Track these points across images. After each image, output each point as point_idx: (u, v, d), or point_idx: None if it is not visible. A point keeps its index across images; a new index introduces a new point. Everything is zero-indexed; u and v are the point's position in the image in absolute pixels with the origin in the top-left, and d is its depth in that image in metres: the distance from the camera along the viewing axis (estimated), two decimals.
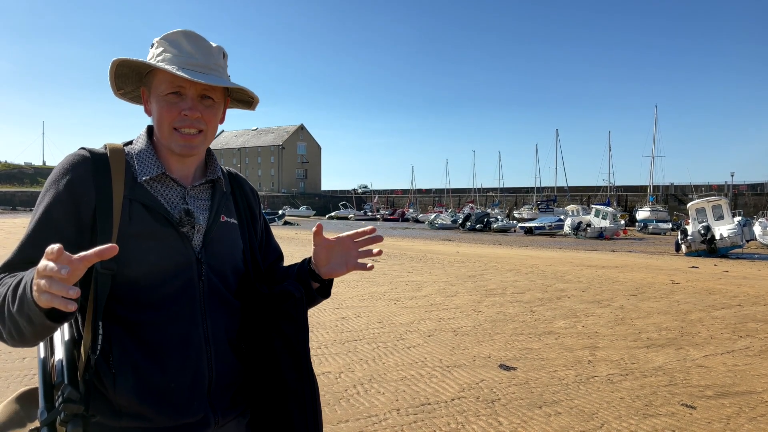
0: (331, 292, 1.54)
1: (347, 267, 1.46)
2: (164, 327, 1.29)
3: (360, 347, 6.27)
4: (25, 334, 1.11)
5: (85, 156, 1.31)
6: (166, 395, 1.27)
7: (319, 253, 1.47)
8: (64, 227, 1.25)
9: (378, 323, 7.54)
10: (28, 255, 1.22)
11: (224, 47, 1.41)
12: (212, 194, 1.45)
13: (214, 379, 1.35)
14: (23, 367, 5.20)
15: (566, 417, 4.30)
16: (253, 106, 1.54)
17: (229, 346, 1.39)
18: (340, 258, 1.46)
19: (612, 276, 13.58)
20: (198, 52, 1.34)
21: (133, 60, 1.32)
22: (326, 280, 1.50)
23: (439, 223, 56.14)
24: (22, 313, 1.07)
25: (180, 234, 1.33)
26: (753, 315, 8.74)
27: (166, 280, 1.30)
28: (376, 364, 5.62)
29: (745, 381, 5.33)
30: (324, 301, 1.56)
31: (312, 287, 1.49)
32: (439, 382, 5.09)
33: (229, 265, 1.42)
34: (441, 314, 8.28)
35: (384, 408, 4.41)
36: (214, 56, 1.37)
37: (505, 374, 5.36)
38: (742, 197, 62.16)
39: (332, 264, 1.47)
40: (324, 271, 1.48)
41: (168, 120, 1.32)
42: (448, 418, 4.22)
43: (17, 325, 1.10)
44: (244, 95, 1.48)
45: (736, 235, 25.47)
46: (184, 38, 1.34)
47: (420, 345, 6.43)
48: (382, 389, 4.86)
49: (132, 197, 1.30)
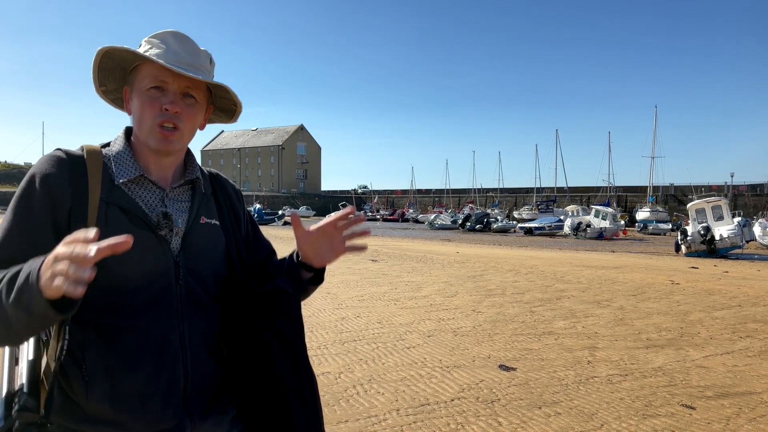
0: (324, 277, 1.53)
1: (336, 253, 1.45)
2: (140, 332, 1.27)
3: (360, 347, 6.27)
4: (14, 328, 1.08)
5: (61, 157, 1.28)
6: (141, 402, 1.26)
7: (302, 245, 1.46)
8: (41, 228, 1.22)
9: (378, 323, 7.54)
10: (4, 255, 1.19)
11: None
12: (192, 196, 1.43)
13: (190, 384, 1.33)
14: None
15: (566, 417, 4.30)
16: (234, 118, 1.52)
17: (206, 351, 1.37)
18: (326, 245, 1.45)
19: (612, 276, 13.58)
20: (184, 51, 1.33)
21: (119, 48, 1.30)
22: (319, 269, 1.49)
23: (439, 223, 56.16)
24: (19, 305, 1.03)
25: (158, 237, 1.31)
26: (753, 315, 8.74)
27: (143, 284, 1.28)
28: (376, 365, 5.62)
29: (745, 381, 5.33)
30: (316, 293, 1.56)
31: (303, 278, 1.48)
32: (439, 382, 5.09)
33: (208, 267, 1.40)
34: (441, 315, 8.28)
35: (384, 408, 4.40)
36: (201, 58, 1.36)
37: (505, 375, 5.36)
38: (742, 198, 62.21)
39: (320, 253, 1.46)
40: (315, 260, 1.47)
41: (149, 115, 1.30)
42: (447, 419, 4.22)
43: (7, 320, 1.07)
44: (227, 103, 1.47)
45: (736, 235, 25.50)
46: (172, 37, 1.34)
47: (420, 345, 6.42)
48: (381, 389, 4.85)
49: (108, 200, 1.28)
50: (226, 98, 1.45)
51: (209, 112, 1.45)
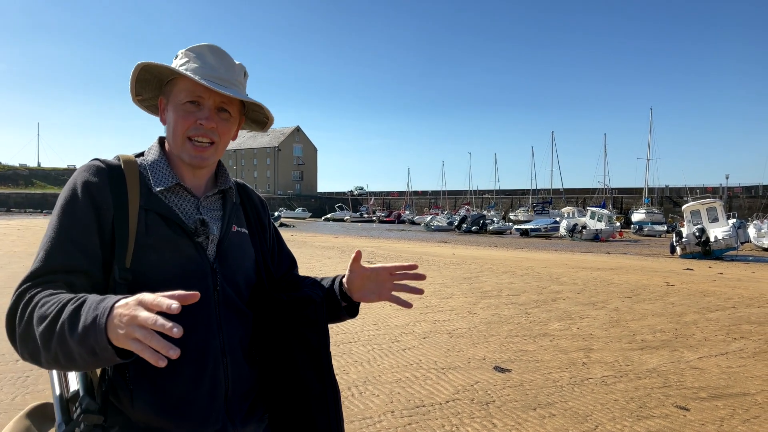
0: (358, 311, 1.54)
1: (379, 297, 1.46)
2: (181, 338, 1.28)
3: (355, 349, 6.26)
4: (78, 363, 1.06)
5: (99, 166, 1.31)
6: (184, 407, 1.27)
7: (353, 278, 1.47)
8: (87, 234, 1.23)
9: (373, 325, 7.54)
10: (52, 264, 1.19)
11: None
12: (223, 204, 1.46)
13: (231, 388, 1.34)
14: (17, 369, 5.17)
15: (560, 419, 4.31)
16: (266, 128, 1.55)
17: (244, 356, 1.39)
18: (374, 287, 1.47)
19: (607, 278, 13.60)
20: (221, 65, 1.35)
21: (156, 64, 1.33)
22: (355, 302, 1.50)
23: (435, 225, 56.19)
24: (85, 345, 1.01)
25: (195, 244, 1.33)
26: (747, 317, 8.77)
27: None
28: (371, 366, 5.61)
29: (739, 383, 5.35)
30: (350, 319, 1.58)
31: (340, 305, 1.50)
32: (434, 384, 5.09)
33: (241, 274, 1.42)
34: (436, 316, 8.28)
35: (378, 410, 4.40)
36: (236, 72, 1.39)
37: (500, 376, 5.36)
38: (737, 199, 62.41)
39: (365, 291, 1.47)
40: (356, 295, 1.48)
41: (182, 128, 1.33)
42: (442, 420, 4.22)
43: (70, 354, 1.05)
44: (259, 115, 1.50)
45: (731, 237, 25.53)
46: (208, 51, 1.36)
47: (415, 347, 6.42)
48: (376, 391, 4.85)
49: (148, 207, 1.30)
50: (259, 112, 1.48)
51: (241, 122, 1.48)
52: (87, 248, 1.22)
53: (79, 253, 1.21)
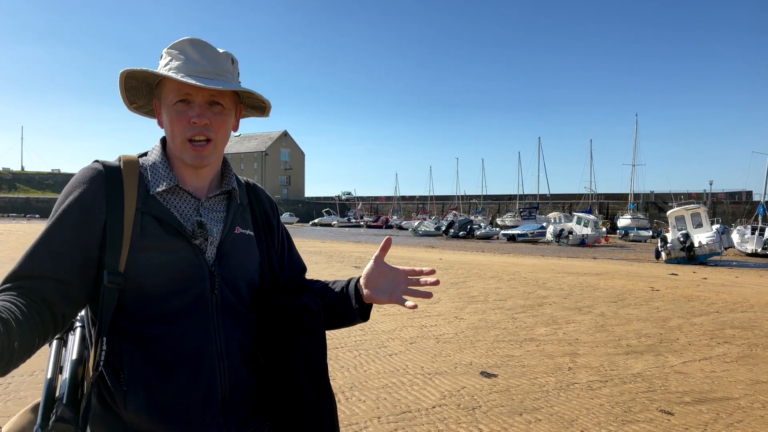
0: (369, 316, 1.53)
1: (390, 297, 1.45)
2: (176, 341, 1.27)
3: (341, 354, 6.24)
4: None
5: (97, 169, 1.30)
6: (179, 411, 1.25)
7: (373, 271, 1.46)
8: (68, 244, 1.24)
9: (360, 330, 7.51)
10: (20, 272, 1.21)
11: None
12: (228, 206, 1.44)
13: (228, 393, 1.32)
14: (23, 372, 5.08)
15: (546, 424, 4.31)
16: (266, 113, 1.52)
17: (243, 360, 1.37)
18: (388, 286, 1.46)
19: (593, 283, 13.69)
20: (204, 58, 1.33)
21: (137, 70, 1.32)
22: (365, 303, 1.49)
23: (423, 230, 56.27)
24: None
25: (193, 246, 1.32)
26: (731, 322, 8.86)
27: (178, 293, 1.28)
28: (358, 372, 5.59)
29: (723, 387, 5.39)
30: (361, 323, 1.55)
31: (353, 307, 1.48)
32: (421, 389, 5.08)
33: (243, 277, 1.40)
34: (423, 321, 8.28)
35: (365, 416, 4.38)
36: (221, 62, 1.36)
37: (486, 381, 5.37)
38: (721, 205, 63.16)
39: (379, 288, 1.46)
40: (367, 292, 1.47)
41: (179, 130, 1.32)
42: (428, 426, 4.21)
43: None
44: (255, 101, 1.47)
45: (715, 242, 25.83)
46: (189, 46, 1.34)
47: (402, 352, 6.41)
48: (363, 397, 4.83)
49: (144, 210, 1.29)
50: (254, 97, 1.45)
51: (240, 111, 1.46)
52: (63, 256, 1.22)
53: (52, 261, 1.21)
